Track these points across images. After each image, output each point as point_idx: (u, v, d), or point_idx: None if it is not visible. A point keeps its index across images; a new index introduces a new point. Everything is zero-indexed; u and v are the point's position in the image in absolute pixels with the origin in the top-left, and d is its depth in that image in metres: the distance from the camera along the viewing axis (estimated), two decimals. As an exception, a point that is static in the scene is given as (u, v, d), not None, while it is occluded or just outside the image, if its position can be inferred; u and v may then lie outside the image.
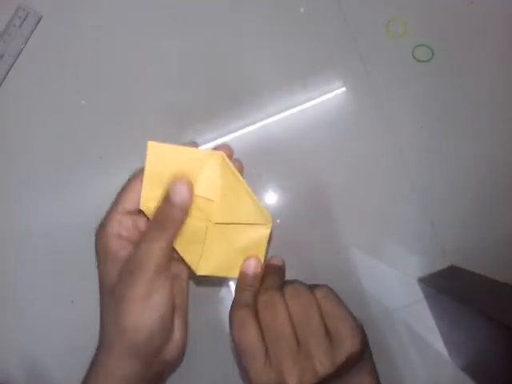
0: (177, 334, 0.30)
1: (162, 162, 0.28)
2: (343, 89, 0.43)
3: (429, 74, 0.42)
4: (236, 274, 0.32)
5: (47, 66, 0.43)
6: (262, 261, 0.32)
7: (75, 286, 0.41)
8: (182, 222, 0.28)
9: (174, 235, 0.28)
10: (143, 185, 0.29)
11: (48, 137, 0.42)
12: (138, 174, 0.30)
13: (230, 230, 0.30)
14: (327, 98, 0.43)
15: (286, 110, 0.42)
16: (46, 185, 0.42)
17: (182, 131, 0.42)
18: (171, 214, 0.28)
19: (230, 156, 0.30)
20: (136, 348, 0.28)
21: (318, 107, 0.42)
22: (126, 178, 0.41)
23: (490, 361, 0.36)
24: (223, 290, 0.41)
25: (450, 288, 0.38)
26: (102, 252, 0.29)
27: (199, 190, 0.29)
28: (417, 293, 0.41)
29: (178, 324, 0.31)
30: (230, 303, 0.40)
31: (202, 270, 0.31)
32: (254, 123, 0.42)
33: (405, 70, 0.42)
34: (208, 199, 0.29)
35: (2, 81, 0.42)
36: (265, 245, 0.31)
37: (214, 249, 0.30)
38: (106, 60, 0.43)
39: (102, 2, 0.43)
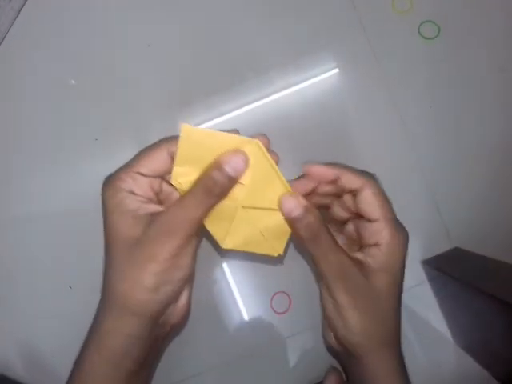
0: (183, 299, 0.31)
1: (196, 144, 0.28)
2: (347, 66, 0.41)
3: (435, 51, 0.41)
4: (261, 250, 0.32)
5: (38, 42, 0.41)
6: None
7: (72, 272, 0.40)
8: (228, 192, 0.29)
9: (216, 203, 0.29)
10: (175, 162, 0.29)
11: (41, 117, 0.41)
12: (159, 144, 0.29)
13: (257, 213, 0.30)
14: (330, 74, 0.42)
15: (287, 87, 0.41)
16: (40, 168, 0.41)
17: (178, 110, 0.41)
18: (221, 183, 0.28)
19: (266, 146, 0.30)
20: (147, 306, 0.28)
21: (321, 84, 0.41)
22: (122, 158, 0.40)
23: (492, 341, 0.36)
24: (217, 272, 0.40)
25: (454, 270, 0.38)
26: (116, 208, 0.28)
27: None
28: (420, 275, 0.41)
29: (185, 289, 0.31)
30: (224, 285, 0.40)
31: (227, 245, 0.32)
32: (256, 101, 0.41)
33: (411, 47, 0.41)
34: (239, 182, 0.29)
35: (-8, 57, 0.40)
36: (290, 231, 0.31)
37: (240, 228, 0.31)
38: (99, 37, 0.41)
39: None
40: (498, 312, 0.32)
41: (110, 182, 0.29)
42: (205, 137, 0.28)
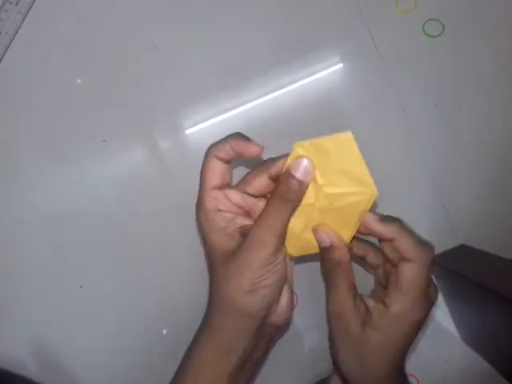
0: (283, 301, 0.33)
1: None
2: (351, 64, 0.42)
3: (439, 49, 0.41)
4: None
5: (46, 44, 0.41)
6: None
7: (83, 271, 0.40)
8: (302, 196, 0.31)
9: (295, 209, 0.31)
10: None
11: (48, 118, 0.41)
12: (210, 157, 0.32)
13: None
14: (334, 70, 0.42)
15: (289, 84, 0.42)
16: (50, 170, 0.41)
17: (184, 109, 0.41)
18: (293, 188, 0.30)
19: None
20: (249, 306, 0.31)
21: (325, 80, 0.42)
22: (130, 160, 0.41)
23: (498, 337, 0.36)
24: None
25: (460, 267, 0.38)
26: (210, 229, 0.32)
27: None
28: (426, 272, 0.41)
29: (285, 289, 0.33)
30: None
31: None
32: (261, 97, 0.42)
33: (415, 45, 0.41)
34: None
35: (1, 59, 0.40)
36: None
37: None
38: (106, 38, 0.41)
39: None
40: (504, 309, 0.32)
41: (198, 206, 0.33)
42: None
